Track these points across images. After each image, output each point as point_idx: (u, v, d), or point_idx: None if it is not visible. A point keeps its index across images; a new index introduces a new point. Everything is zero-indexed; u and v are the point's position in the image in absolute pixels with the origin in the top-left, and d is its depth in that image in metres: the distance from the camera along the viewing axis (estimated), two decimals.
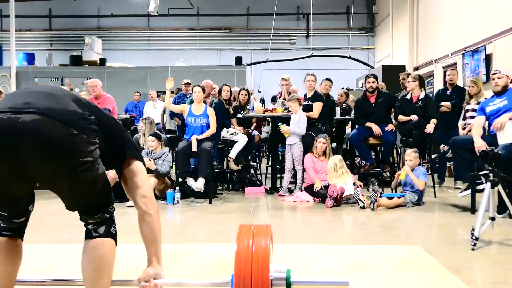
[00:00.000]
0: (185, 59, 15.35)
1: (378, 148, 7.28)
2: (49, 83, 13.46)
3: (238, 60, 13.98)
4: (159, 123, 10.54)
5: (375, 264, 3.29)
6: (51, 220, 5.10)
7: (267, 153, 7.95)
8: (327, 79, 7.15)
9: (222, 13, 17.16)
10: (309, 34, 16.86)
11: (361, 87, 14.27)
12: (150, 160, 6.01)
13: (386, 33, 15.69)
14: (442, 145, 6.22)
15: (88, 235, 2.01)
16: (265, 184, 7.14)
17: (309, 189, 6.20)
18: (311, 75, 6.79)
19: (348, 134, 8.03)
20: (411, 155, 5.83)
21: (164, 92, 12.65)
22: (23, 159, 1.78)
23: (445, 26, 10.73)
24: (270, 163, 7.61)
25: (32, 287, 2.34)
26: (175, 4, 16.35)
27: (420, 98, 6.56)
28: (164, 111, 10.32)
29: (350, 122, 8.04)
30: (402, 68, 13.43)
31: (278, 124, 6.35)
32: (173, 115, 9.67)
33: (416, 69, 12.52)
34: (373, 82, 6.78)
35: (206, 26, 17.52)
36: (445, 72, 10.79)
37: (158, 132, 6.67)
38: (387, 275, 3.06)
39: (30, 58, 15.02)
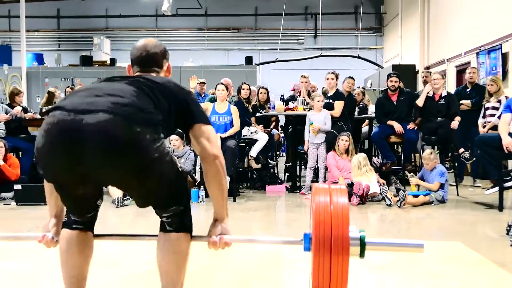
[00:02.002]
0: (193, 59, 15.34)
1: (395, 146, 7.29)
2: (60, 84, 13.45)
3: (249, 60, 13.98)
4: None
5: (420, 259, 3.28)
6: None
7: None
8: (350, 77, 7.15)
9: (230, 13, 17.17)
10: (317, 34, 16.88)
11: (370, 87, 14.29)
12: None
13: (394, 32, 15.69)
14: (462, 149, 6.22)
15: (162, 228, 1.99)
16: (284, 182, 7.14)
17: None
18: (332, 73, 6.79)
19: (365, 133, 8.04)
20: (427, 157, 5.82)
21: None
22: (89, 162, 1.73)
23: (457, 25, 10.71)
24: (289, 162, 7.60)
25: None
26: (183, 4, 16.35)
27: (442, 96, 6.57)
28: None
29: (367, 120, 8.04)
30: (412, 67, 13.44)
31: (310, 122, 6.34)
32: None
33: (427, 68, 12.51)
34: (395, 81, 6.78)
35: (214, 26, 17.53)
36: (458, 72, 10.84)
37: (180, 130, 6.66)
38: (435, 269, 3.06)
39: (39, 58, 15.01)
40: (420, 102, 6.62)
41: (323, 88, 7.62)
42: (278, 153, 10.12)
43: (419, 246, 2.00)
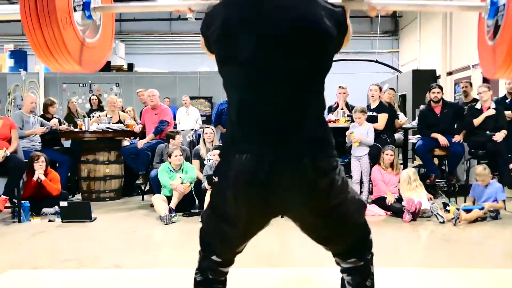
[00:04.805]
0: (208, 64, 15.23)
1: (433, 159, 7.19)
2: (78, 89, 13.35)
3: None
4: (193, 129, 10.45)
5: None
6: (132, 237, 5.00)
7: None
8: (391, 88, 7.07)
9: None
10: None
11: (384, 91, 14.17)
12: None
13: (411, 36, 15.60)
14: None
15: (342, 286, 1.90)
16: None
17: (378, 202, 6.11)
18: (376, 85, 6.71)
19: (399, 138, 7.93)
20: (483, 174, 5.70)
21: (194, 98, 12.76)
22: (276, 206, 1.73)
23: None
24: None
25: None
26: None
27: (491, 108, 6.47)
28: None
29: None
30: (432, 72, 13.35)
31: (350, 132, 6.26)
32: (217, 123, 9.57)
33: (449, 73, 12.42)
34: (438, 93, 6.69)
35: None
36: (485, 78, 10.71)
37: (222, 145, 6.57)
38: None
39: None
40: (477, 121, 6.49)
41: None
42: None
43: None
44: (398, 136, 7.95)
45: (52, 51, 1.98)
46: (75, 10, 2.07)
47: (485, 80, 10.56)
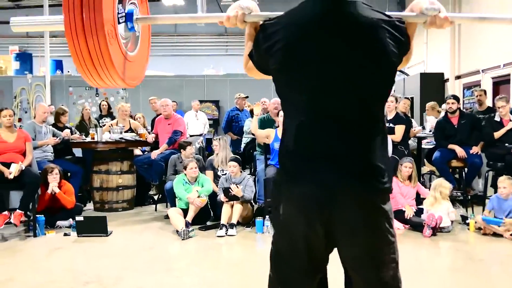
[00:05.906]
0: (214, 66, 15.15)
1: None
2: (84, 92, 13.27)
3: None
4: (202, 133, 10.38)
5: None
6: (151, 254, 4.93)
7: None
8: (406, 97, 6.99)
9: None
10: None
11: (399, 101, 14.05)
12: (237, 186, 5.86)
13: (418, 38, 15.47)
14: None
15: None
16: None
17: (396, 215, 6.02)
18: (391, 95, 6.63)
19: (410, 145, 7.86)
20: (505, 182, 5.65)
21: (201, 102, 12.65)
22: (333, 232, 1.71)
23: (494, 34, 10.26)
24: None
25: None
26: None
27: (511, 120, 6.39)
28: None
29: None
30: (440, 76, 13.26)
31: None
32: (227, 129, 9.51)
33: (458, 77, 12.34)
34: (452, 103, 6.61)
35: (235, 32, 17.30)
36: (494, 83, 10.61)
37: (238, 156, 6.51)
38: None
39: (59, 65, 14.78)
40: (498, 135, 6.38)
41: None
42: None
43: None
44: (410, 142, 7.89)
45: (96, 65, 1.91)
46: (119, 22, 2.00)
47: (496, 85, 10.49)
